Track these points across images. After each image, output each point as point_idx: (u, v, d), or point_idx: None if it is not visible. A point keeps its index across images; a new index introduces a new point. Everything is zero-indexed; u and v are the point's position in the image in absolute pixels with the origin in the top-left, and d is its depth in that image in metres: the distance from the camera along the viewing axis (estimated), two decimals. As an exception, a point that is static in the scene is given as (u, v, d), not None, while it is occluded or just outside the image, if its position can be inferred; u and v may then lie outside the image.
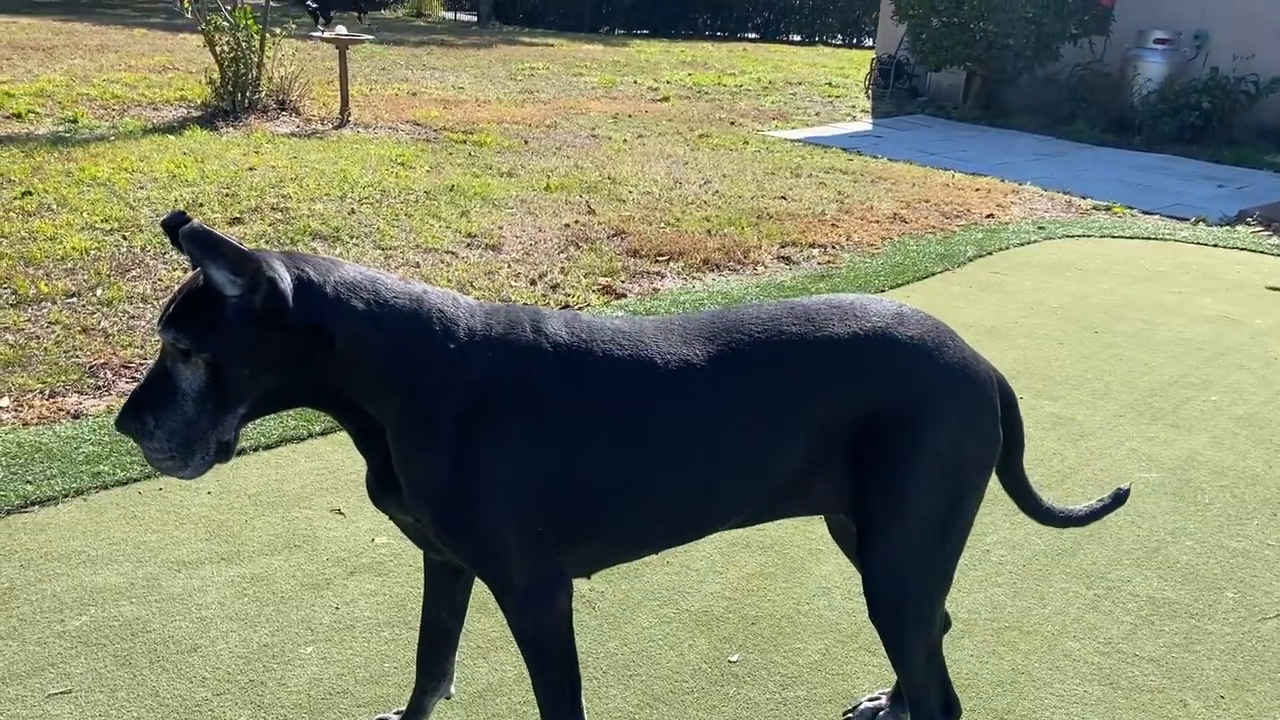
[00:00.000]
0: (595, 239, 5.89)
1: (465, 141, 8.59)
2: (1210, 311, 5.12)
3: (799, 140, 9.98)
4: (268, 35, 8.60)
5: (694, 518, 1.76)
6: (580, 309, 4.79)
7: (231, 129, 8.14)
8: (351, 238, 5.42)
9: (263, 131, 8.09)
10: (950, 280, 5.53)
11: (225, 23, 8.29)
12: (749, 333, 1.71)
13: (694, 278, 5.42)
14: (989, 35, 10.93)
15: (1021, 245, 6.32)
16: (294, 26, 9.45)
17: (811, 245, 6.08)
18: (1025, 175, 8.51)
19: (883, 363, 1.70)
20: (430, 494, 1.61)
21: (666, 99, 12.51)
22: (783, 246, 6.04)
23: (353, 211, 5.92)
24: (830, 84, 14.76)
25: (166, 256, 4.89)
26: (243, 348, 1.51)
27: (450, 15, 29.20)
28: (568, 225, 6.13)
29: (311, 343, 1.54)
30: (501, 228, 5.94)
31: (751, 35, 25.54)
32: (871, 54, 14.66)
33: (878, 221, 6.74)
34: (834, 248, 6.08)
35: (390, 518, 1.80)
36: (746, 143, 9.58)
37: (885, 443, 1.69)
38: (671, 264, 5.58)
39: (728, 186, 7.54)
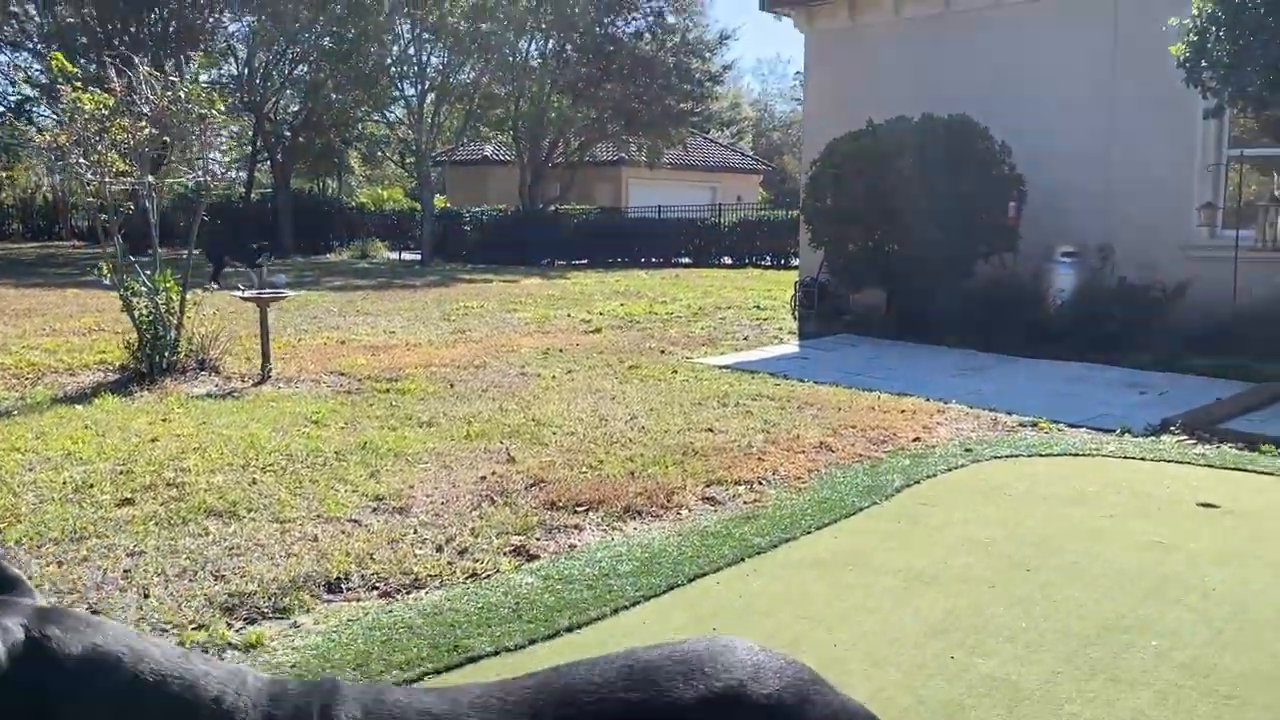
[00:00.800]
0: (512, 491, 5.68)
1: (388, 390, 8.49)
2: (1143, 537, 4.96)
3: (727, 366, 10.05)
4: (188, 296, 8.61)
5: None
6: (488, 576, 4.51)
7: (146, 393, 7.98)
8: (249, 511, 5.15)
9: (177, 394, 7.93)
10: (878, 516, 5.36)
11: (143, 287, 8.29)
12: (579, 704, 1.48)
13: (614, 528, 5.20)
14: (902, 258, 11.32)
15: (949, 471, 6.21)
16: (215, 286, 9.52)
17: (737, 483, 5.92)
18: (950, 393, 8.54)
19: (735, 731, 1.47)
20: None
21: (599, 330, 12.70)
22: (708, 485, 5.87)
23: (254, 481, 5.67)
24: (758, 306, 15.18)
25: (40, 550, 4.58)
26: None
27: (395, 255, 30.13)
28: (484, 478, 5.93)
29: None
30: (413, 486, 5.71)
31: (685, 260, 26.54)
32: (797, 274, 15.15)
33: (804, 452, 6.63)
34: (760, 483, 5.93)
35: None
36: (675, 372, 9.62)
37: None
38: (591, 514, 5.36)
39: (654, 421, 7.45)
